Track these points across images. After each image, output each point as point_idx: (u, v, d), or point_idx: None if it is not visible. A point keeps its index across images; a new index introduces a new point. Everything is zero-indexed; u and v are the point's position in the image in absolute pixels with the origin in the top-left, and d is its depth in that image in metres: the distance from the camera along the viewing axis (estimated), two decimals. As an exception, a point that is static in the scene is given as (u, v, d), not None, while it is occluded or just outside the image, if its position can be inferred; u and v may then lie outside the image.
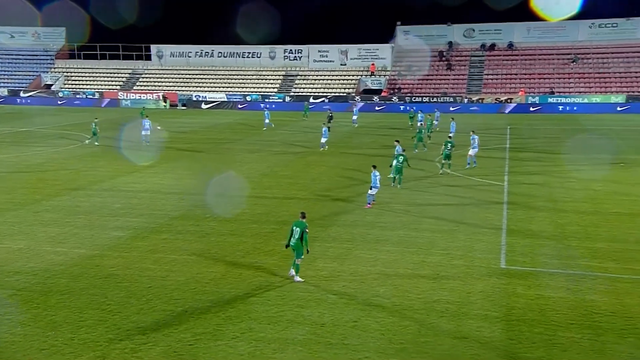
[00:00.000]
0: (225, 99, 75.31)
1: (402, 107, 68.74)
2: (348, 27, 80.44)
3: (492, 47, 75.64)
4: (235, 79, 79.95)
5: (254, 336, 12.82)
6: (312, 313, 13.96)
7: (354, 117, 53.23)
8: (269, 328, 13.20)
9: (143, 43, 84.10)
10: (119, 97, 77.95)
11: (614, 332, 12.86)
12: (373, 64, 76.62)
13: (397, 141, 30.40)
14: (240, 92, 76.83)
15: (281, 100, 73.80)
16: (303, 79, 78.38)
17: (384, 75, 75.92)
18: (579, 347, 12.22)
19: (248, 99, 74.74)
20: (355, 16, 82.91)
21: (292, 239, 15.64)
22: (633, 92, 65.18)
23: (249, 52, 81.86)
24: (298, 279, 15.82)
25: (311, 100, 72.11)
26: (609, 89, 66.67)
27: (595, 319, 13.48)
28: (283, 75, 79.54)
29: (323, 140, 38.20)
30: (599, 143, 40.44)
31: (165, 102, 75.51)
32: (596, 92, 66.42)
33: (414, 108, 55.65)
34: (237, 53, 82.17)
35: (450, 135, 31.87)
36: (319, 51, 79.60)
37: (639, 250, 18.17)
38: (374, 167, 24.08)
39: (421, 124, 45.70)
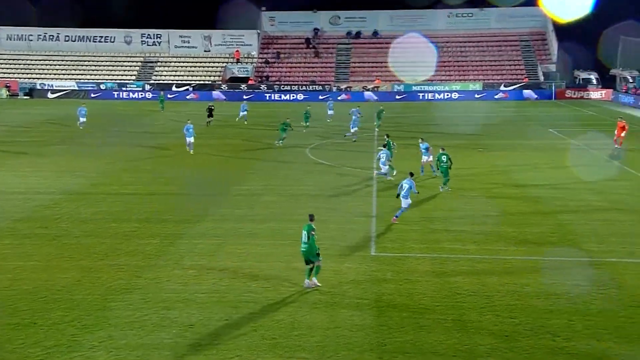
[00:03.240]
0: (76, 88, 70.85)
1: (267, 95, 68.92)
2: (211, 12, 78.86)
3: (358, 34, 78.30)
4: (87, 66, 75.41)
5: (114, 344, 12.26)
6: (180, 314, 13.65)
7: (329, 112, 47.40)
8: (132, 334, 12.70)
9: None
10: (-54, 85, 70.39)
11: (475, 310, 13.96)
12: (237, 51, 76.06)
13: (421, 138, 27.79)
14: (93, 79, 72.70)
15: (140, 89, 71.03)
16: (164, 66, 75.95)
17: (251, 63, 75.74)
18: (444, 327, 13.12)
19: (102, 87, 70.90)
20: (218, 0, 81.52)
21: (302, 244, 15.15)
22: (488, 80, 70.85)
23: (102, 37, 77.49)
24: (315, 282, 15.16)
25: (174, 88, 70.21)
26: (467, 77, 71.90)
27: (459, 300, 14.54)
28: (141, 62, 76.46)
29: (189, 140, 33.50)
30: (459, 129, 43.47)
31: (9, 90, 69.35)
32: (456, 80, 71.34)
33: (309, 107, 47.93)
34: (87, 37, 77.44)
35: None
36: (180, 36, 77.42)
37: (497, 231, 19.84)
38: (411, 174, 21.12)
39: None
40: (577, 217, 21.55)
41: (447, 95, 68.28)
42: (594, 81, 69.97)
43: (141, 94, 70.38)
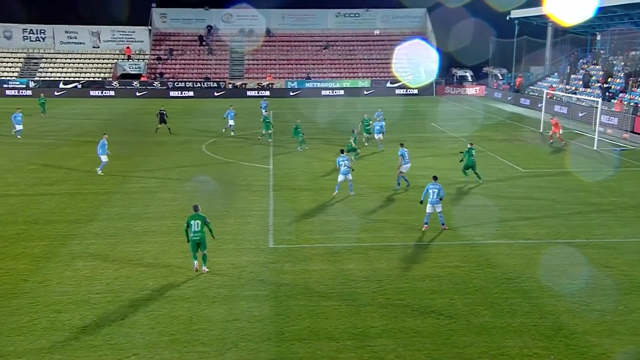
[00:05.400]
0: (-49, 84, 65.03)
1: (161, 92, 66.84)
2: (99, 7, 75.05)
3: (251, 32, 77.79)
4: (-38, 61, 69.43)
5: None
6: (73, 317, 12.98)
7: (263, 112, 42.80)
8: (19, 340, 11.92)
9: None
10: None
11: (367, 295, 14.40)
12: (128, 47, 73.11)
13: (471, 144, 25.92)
14: (-30, 76, 67.08)
15: (23, 86, 66.39)
16: (49, 62, 71.39)
17: (143, 60, 73.05)
18: (339, 313, 13.44)
19: (-19, 84, 65.58)
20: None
21: (194, 233, 15.11)
22: (375, 77, 73.01)
23: (-22, 31, 71.58)
24: (205, 269, 15.60)
25: (61, 85, 66.28)
26: (356, 75, 73.66)
27: (352, 286, 14.93)
28: (24, 58, 71.43)
29: (104, 160, 26.99)
30: (347, 126, 44.33)
31: None
32: (346, 78, 72.86)
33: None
34: (-41, 31, 71.23)
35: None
36: (66, 32, 73.13)
37: (386, 220, 20.56)
38: (435, 177, 19.66)
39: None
40: (456, 203, 22.78)
41: (339, 92, 69.59)
42: (469, 78, 74.34)
43: (25, 92, 65.84)
